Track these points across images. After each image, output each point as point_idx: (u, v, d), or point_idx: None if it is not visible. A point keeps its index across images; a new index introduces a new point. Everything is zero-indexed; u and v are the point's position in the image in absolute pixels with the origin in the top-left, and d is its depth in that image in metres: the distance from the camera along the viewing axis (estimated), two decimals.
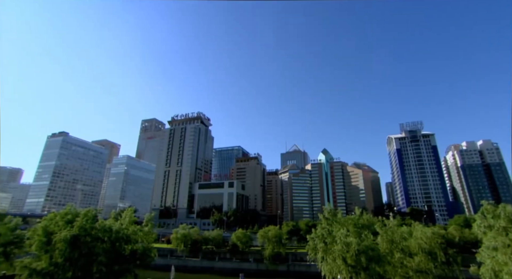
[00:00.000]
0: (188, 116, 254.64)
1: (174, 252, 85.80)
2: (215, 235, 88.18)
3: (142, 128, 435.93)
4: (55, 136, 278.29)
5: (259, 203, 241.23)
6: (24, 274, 36.15)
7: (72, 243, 35.53)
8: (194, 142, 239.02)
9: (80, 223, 35.84)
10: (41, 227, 37.54)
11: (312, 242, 44.56)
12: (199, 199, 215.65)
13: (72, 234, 34.40)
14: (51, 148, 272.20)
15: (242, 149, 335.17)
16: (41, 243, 36.73)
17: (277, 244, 75.31)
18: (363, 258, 34.58)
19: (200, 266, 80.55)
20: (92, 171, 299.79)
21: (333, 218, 44.25)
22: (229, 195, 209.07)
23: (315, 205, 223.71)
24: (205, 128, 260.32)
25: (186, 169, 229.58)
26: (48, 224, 37.87)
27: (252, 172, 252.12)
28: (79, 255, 35.66)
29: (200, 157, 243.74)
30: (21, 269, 35.32)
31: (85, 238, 36.36)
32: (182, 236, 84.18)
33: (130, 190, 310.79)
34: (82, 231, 35.43)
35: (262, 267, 76.12)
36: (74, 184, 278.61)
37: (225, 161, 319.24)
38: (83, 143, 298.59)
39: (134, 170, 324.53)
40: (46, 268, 35.73)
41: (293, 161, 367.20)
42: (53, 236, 36.51)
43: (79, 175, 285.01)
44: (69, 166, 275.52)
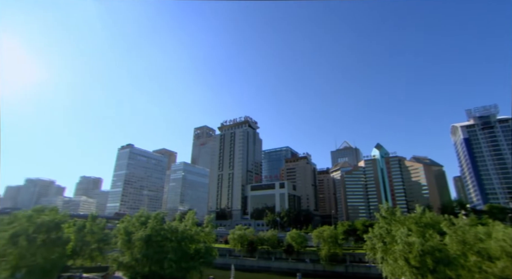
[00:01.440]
0: (236, 121, 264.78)
1: (232, 252, 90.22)
2: (269, 235, 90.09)
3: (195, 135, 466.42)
4: (124, 148, 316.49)
5: (311, 203, 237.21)
6: (114, 266, 43.49)
7: (147, 241, 40.92)
8: (244, 145, 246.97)
9: (152, 224, 41.07)
10: (122, 227, 44.16)
11: (370, 241, 42.98)
12: (251, 201, 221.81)
13: (146, 234, 39.73)
14: (121, 158, 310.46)
15: (291, 149, 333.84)
16: (123, 241, 43.14)
17: (333, 244, 73.66)
18: (429, 260, 32.24)
19: (257, 266, 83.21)
20: (154, 177, 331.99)
21: (391, 216, 42.03)
22: (281, 195, 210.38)
23: (371, 204, 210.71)
24: (253, 131, 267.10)
25: (237, 172, 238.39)
26: (127, 225, 44.25)
27: (302, 172, 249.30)
28: (153, 252, 40.89)
29: (250, 159, 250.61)
30: (112, 261, 42.83)
31: (156, 238, 41.43)
32: (238, 236, 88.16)
33: (188, 194, 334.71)
34: (154, 231, 40.51)
35: (319, 267, 75.19)
36: (141, 190, 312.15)
37: (274, 162, 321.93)
38: (145, 152, 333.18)
39: (191, 175, 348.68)
40: (129, 262, 41.92)
41: (345, 159, 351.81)
42: (132, 235, 42.58)
43: (144, 181, 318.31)
44: (136, 174, 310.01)
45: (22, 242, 34.41)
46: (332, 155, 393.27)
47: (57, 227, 38.77)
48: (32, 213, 41.52)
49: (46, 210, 44.98)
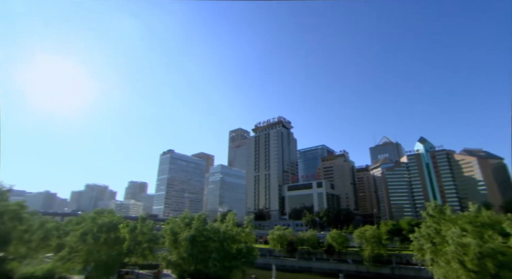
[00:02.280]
0: (269, 122, 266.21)
1: (272, 252, 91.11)
2: (309, 235, 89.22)
3: (230, 138, 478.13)
4: (165, 154, 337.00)
5: (351, 202, 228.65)
6: (163, 264, 47.09)
7: (191, 241, 43.61)
8: (278, 146, 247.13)
9: (196, 225, 43.66)
10: (169, 228, 47.62)
11: (417, 242, 40.77)
12: (289, 201, 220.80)
13: (190, 234, 42.38)
14: (163, 164, 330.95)
15: (327, 148, 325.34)
16: (170, 241, 46.53)
17: (376, 244, 70.55)
18: (489, 263, 29.50)
19: (297, 266, 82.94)
20: (194, 180, 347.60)
21: (440, 215, 39.32)
22: (319, 195, 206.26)
23: (417, 201, 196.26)
24: (287, 131, 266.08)
25: (273, 172, 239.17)
26: (173, 226, 47.59)
27: (340, 170, 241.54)
28: (197, 252, 43.44)
29: (285, 159, 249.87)
30: (161, 260, 46.45)
31: (200, 238, 43.90)
32: (278, 236, 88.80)
33: (226, 196, 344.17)
34: (198, 232, 43.00)
35: (362, 268, 72.52)
36: (182, 192, 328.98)
37: (310, 162, 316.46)
38: (185, 157, 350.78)
39: (228, 177, 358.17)
40: (177, 261, 45.07)
41: (385, 155, 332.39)
42: (178, 235, 45.74)
43: (185, 185, 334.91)
44: (177, 178, 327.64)
45: (89, 240, 39.19)
46: (371, 151, 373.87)
47: (115, 227, 43.14)
48: (94, 215, 46.89)
49: (105, 212, 50.45)
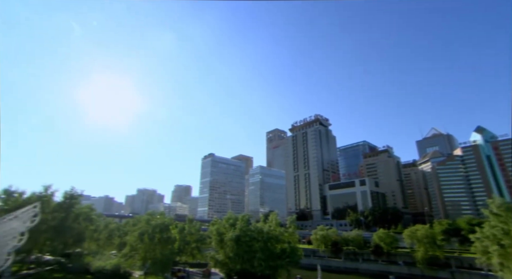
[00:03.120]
0: (306, 121, 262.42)
1: (316, 252, 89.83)
2: (354, 235, 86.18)
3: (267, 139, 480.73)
4: (206, 157, 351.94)
5: (398, 199, 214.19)
6: (211, 263, 49.85)
7: (237, 241, 45.47)
8: (317, 144, 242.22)
9: (240, 226, 45.44)
10: (215, 229, 50.24)
11: (480, 243, 37.37)
12: (331, 200, 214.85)
13: (235, 234, 44.27)
14: (205, 167, 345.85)
15: (368, 144, 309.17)
16: (217, 241, 49.03)
17: (430, 245, 65.34)
18: None
19: (343, 267, 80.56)
20: (235, 182, 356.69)
21: (508, 213, 35.42)
22: (362, 193, 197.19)
23: (478, 198, 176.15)
24: (325, 129, 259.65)
25: (313, 171, 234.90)
26: (219, 226, 50.09)
27: (384, 167, 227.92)
28: (242, 251, 45.13)
29: (325, 158, 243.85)
30: (209, 259, 49.25)
31: (244, 238, 45.54)
32: (321, 237, 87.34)
33: (267, 196, 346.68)
34: (242, 232, 44.71)
35: (416, 271, 67.71)
36: (224, 194, 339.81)
37: (351, 159, 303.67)
38: (225, 160, 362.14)
39: (268, 178, 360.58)
40: (223, 260, 47.34)
41: (435, 148, 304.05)
42: (223, 236, 48.04)
43: (227, 187, 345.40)
44: (219, 180, 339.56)
45: (146, 239, 43.36)
46: (418, 145, 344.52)
47: (166, 228, 46.95)
48: (148, 216, 51.62)
49: (157, 214, 55.18)
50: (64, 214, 49.62)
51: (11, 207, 41.20)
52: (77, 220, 53.70)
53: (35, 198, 44.70)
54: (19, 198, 45.36)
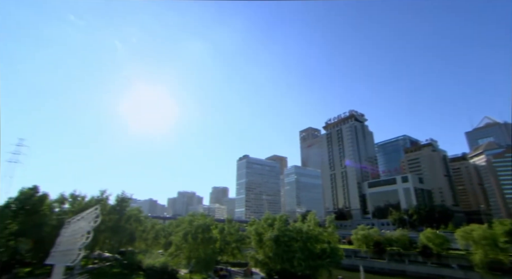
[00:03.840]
0: (340, 117, 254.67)
1: (357, 252, 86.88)
2: (398, 235, 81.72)
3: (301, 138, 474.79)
4: (241, 159, 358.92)
5: (447, 196, 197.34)
6: (252, 262, 51.22)
7: (275, 241, 46.24)
8: (353, 141, 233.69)
9: (278, 226, 46.18)
10: (253, 229, 51.62)
11: None
12: (371, 198, 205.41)
13: (274, 234, 45.09)
14: (240, 168, 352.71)
15: (409, 138, 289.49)
16: (256, 241, 50.30)
17: (490, 248, 59.21)
18: None
19: (388, 268, 76.66)
20: (270, 183, 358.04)
21: None
22: (405, 190, 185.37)
23: None
24: (360, 125, 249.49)
25: (350, 169, 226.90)
26: (257, 226, 51.36)
27: (429, 161, 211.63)
28: (282, 251, 45.74)
29: (362, 155, 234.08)
30: (250, 258, 50.65)
31: (283, 238, 46.12)
32: (362, 236, 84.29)
33: (303, 196, 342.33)
34: (280, 232, 45.38)
35: (474, 276, 61.76)
36: (260, 195, 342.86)
37: (391, 155, 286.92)
38: (259, 161, 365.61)
39: (303, 177, 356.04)
40: (263, 259, 48.38)
41: (488, 139, 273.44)
42: (262, 236, 49.16)
43: (262, 187, 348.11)
44: (254, 181, 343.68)
45: (190, 239, 46.13)
46: (468, 136, 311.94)
47: (208, 228, 49.40)
48: (190, 218, 54.87)
49: (198, 215, 58.33)
50: (118, 215, 54.95)
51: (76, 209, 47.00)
52: (129, 221, 59.08)
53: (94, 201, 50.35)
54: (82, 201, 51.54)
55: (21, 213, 41.48)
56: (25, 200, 42.41)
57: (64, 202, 51.33)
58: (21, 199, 42.41)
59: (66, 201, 51.32)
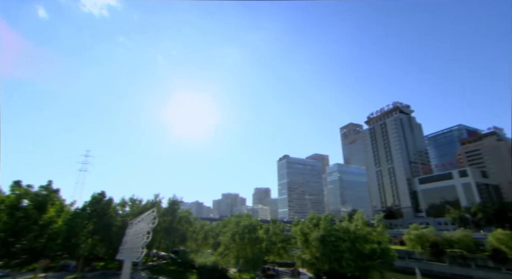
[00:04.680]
0: (384, 111, 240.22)
1: (411, 254, 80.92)
2: (460, 236, 74.15)
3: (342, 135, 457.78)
4: (281, 159, 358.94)
5: None
6: (298, 262, 51.39)
7: (322, 241, 45.78)
8: (399, 134, 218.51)
9: (324, 225, 45.71)
10: (298, 229, 51.81)
11: None
12: (423, 196, 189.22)
13: (320, 234, 44.72)
14: (281, 169, 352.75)
15: (466, 127, 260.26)
16: (302, 241, 50.39)
17: None
18: None
19: (450, 273, 69.85)
20: (312, 182, 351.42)
21: None
22: (464, 186, 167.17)
23: None
24: (406, 117, 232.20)
25: (398, 165, 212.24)
26: (302, 226, 51.44)
27: (493, 153, 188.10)
28: (329, 251, 45.08)
29: (410, 149, 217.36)
30: (296, 258, 50.93)
31: (329, 238, 45.48)
32: (416, 237, 78.45)
33: (348, 195, 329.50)
34: (327, 232, 44.84)
35: None
36: (303, 195, 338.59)
37: (444, 147, 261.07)
38: (300, 160, 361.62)
39: (346, 175, 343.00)
40: (310, 260, 48.22)
41: None
42: (308, 236, 49.06)
43: (305, 187, 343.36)
44: (296, 181, 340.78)
45: (237, 239, 48.07)
46: None
47: (254, 229, 50.88)
48: (236, 218, 57.05)
49: (244, 216, 60.31)
50: (171, 217, 59.62)
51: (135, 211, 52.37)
52: (180, 223, 63.62)
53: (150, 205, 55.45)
54: (139, 204, 57.19)
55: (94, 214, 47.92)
56: (96, 204, 48.88)
57: (125, 205, 57.73)
58: (93, 203, 48.98)
59: (126, 205, 57.66)
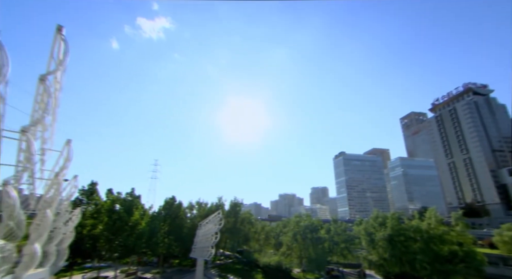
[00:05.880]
0: (452, 94, 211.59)
1: (507, 259, 69.23)
2: None
3: (402, 126, 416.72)
4: (337, 157, 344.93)
5: None
6: (365, 264, 49.14)
7: (389, 241, 43.02)
8: (474, 120, 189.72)
9: (391, 224, 42.90)
10: (362, 228, 49.63)
11: None
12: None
13: (387, 234, 42.15)
14: (338, 166, 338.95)
15: None
16: (367, 241, 48.13)
17: None
18: None
19: None
20: (373, 179, 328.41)
21: None
22: None
23: None
24: (484, 98, 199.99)
25: (476, 155, 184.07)
26: (366, 226, 49.12)
27: None
28: (398, 252, 42.01)
29: (492, 135, 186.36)
30: (362, 259, 48.80)
31: (398, 237, 42.49)
32: (511, 239, 67.09)
33: (416, 191, 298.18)
34: (394, 231, 42.06)
35: None
36: (363, 193, 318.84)
37: None
38: (357, 156, 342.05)
39: (411, 169, 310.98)
40: (378, 261, 45.61)
41: None
42: (373, 235, 46.62)
43: (365, 184, 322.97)
44: (355, 179, 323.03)
45: (299, 239, 48.48)
46: None
47: (315, 229, 50.63)
48: (296, 219, 57.42)
49: (303, 216, 60.28)
50: (234, 218, 63.09)
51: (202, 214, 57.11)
52: (243, 223, 66.79)
53: (214, 207, 59.77)
54: (205, 207, 62.12)
55: (168, 217, 54.10)
56: (168, 207, 55.13)
57: (193, 208, 63.50)
58: (166, 207, 55.36)
59: (194, 207, 63.37)
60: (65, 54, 15.13)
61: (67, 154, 19.74)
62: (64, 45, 14.88)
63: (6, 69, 10.63)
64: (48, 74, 14.49)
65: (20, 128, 13.16)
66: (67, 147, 19.89)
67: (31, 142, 14.00)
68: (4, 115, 11.82)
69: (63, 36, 14.60)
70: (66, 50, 15.02)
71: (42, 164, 18.82)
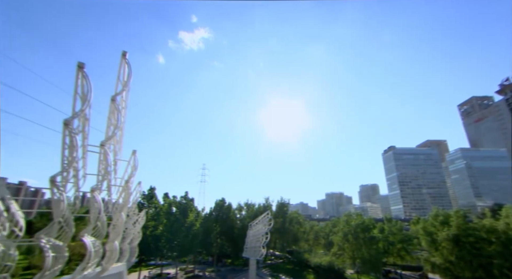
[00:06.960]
0: None
1: None
2: None
3: (462, 113, 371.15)
4: (387, 152, 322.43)
5: None
6: (427, 266, 45.01)
7: (456, 242, 38.85)
8: None
9: (456, 223, 38.67)
10: (420, 228, 45.75)
11: None
12: None
13: (452, 233, 38.10)
14: (387, 162, 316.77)
15: None
16: (427, 242, 44.23)
17: None
18: None
19: None
20: (429, 173, 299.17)
21: None
22: None
23: None
24: None
25: None
26: (425, 225, 45.20)
27: None
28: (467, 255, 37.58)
29: None
30: (424, 261, 44.82)
31: (466, 238, 38.12)
32: None
33: (484, 185, 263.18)
34: (461, 231, 37.82)
35: None
36: (419, 189, 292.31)
37: None
38: (409, 150, 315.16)
39: (477, 161, 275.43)
40: (443, 264, 41.49)
41: None
42: (434, 235, 42.63)
43: (420, 180, 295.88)
44: (408, 174, 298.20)
45: (351, 239, 46.84)
46: None
47: (367, 228, 48.37)
48: (345, 218, 55.49)
49: (354, 215, 57.94)
50: (282, 219, 63.56)
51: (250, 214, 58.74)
52: (291, 224, 66.88)
53: (262, 208, 61.00)
54: (253, 208, 63.77)
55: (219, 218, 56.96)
56: (219, 209, 58.02)
57: (242, 209, 65.71)
58: (216, 208, 58.35)
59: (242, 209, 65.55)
60: (129, 76, 17.35)
61: (134, 163, 22.39)
62: (127, 68, 17.09)
63: (90, 95, 12.77)
64: (117, 95, 16.77)
65: (100, 143, 15.52)
66: (133, 157, 22.57)
67: (108, 154, 16.34)
68: (88, 133, 14.10)
69: (127, 60, 16.78)
70: (129, 72, 17.23)
71: (115, 173, 21.67)
